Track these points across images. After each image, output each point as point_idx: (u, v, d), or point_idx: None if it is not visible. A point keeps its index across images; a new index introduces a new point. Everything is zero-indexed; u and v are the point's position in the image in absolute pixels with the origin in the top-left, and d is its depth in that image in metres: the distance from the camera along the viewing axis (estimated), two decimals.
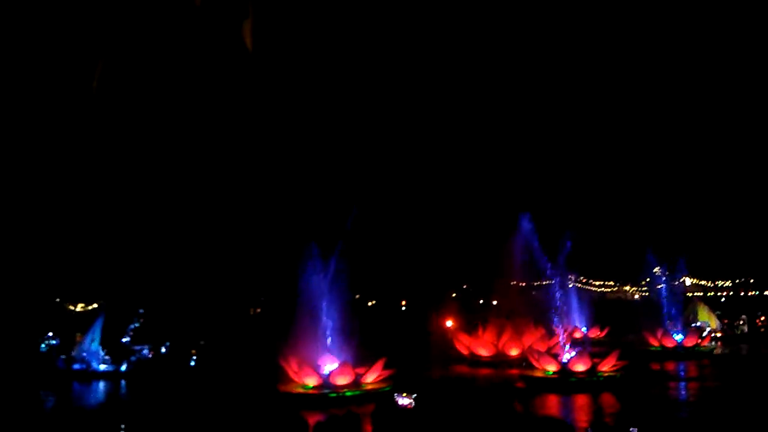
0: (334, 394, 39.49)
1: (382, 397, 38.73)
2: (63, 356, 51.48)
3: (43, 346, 54.04)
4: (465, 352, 58.65)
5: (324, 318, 43.85)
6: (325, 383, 40.43)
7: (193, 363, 52.26)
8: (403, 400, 36.50)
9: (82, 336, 52.90)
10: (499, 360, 55.92)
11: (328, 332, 43.76)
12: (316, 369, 41.12)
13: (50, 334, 54.85)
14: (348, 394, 39.57)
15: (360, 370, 41.27)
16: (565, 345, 48.05)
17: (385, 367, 41.79)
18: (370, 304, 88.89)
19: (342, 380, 40.37)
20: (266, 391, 39.78)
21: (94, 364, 50.81)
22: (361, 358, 42.61)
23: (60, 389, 46.03)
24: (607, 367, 44.93)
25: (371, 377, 41.18)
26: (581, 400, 40.87)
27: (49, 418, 37.60)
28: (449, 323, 72.19)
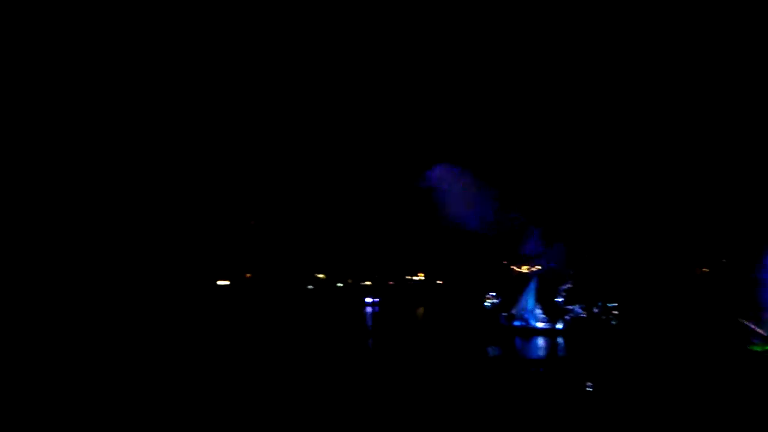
0: None
1: None
2: (504, 314, 56.96)
3: (488, 304, 60.42)
4: None
5: None
6: None
7: (613, 322, 52.17)
8: None
9: (521, 296, 57.57)
10: None
11: None
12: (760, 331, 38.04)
13: (493, 293, 60.92)
14: None
15: None
16: None
17: None
18: None
19: None
20: (735, 351, 39.77)
21: (532, 322, 54.92)
22: None
23: (503, 343, 51.03)
24: None
25: None
26: None
27: (494, 368, 42.27)
28: None
